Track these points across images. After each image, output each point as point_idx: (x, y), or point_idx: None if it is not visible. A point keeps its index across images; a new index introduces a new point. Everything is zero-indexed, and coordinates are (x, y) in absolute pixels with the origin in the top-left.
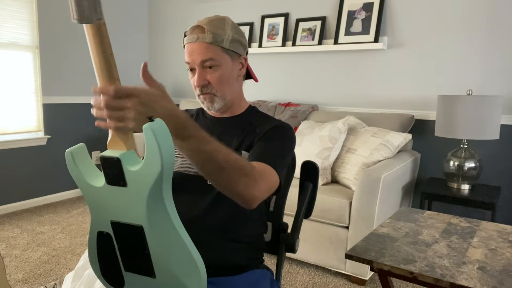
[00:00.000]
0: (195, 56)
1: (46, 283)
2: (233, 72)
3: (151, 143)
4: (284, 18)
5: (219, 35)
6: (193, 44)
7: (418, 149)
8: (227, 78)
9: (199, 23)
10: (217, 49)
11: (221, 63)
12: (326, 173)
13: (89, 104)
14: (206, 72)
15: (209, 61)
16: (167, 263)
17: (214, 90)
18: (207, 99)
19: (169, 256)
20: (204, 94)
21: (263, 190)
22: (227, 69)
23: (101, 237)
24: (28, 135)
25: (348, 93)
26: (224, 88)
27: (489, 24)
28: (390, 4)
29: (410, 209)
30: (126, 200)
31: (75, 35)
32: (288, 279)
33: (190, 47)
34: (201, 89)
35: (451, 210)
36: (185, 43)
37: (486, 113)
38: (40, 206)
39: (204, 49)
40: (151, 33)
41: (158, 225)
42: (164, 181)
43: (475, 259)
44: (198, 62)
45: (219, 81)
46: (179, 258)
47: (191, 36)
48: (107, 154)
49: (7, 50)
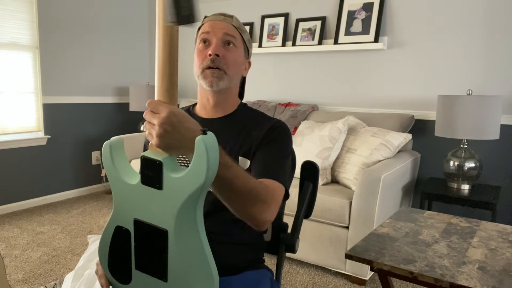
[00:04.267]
0: (217, 29)
1: (46, 283)
2: (242, 65)
3: (201, 155)
4: (284, 18)
5: (243, 27)
6: (218, 22)
7: (418, 149)
8: (238, 63)
9: (223, 13)
10: (239, 35)
11: (238, 48)
12: (326, 173)
13: (89, 104)
14: (223, 48)
15: (231, 38)
16: (183, 270)
17: (225, 66)
18: (215, 74)
19: (187, 263)
20: (214, 68)
21: (274, 212)
22: (240, 56)
23: (119, 231)
24: (28, 135)
25: (348, 93)
26: (233, 71)
27: (489, 24)
28: (390, 4)
29: (410, 209)
30: (157, 203)
31: (75, 35)
32: (288, 279)
33: (213, 22)
34: (212, 60)
35: (451, 210)
36: (207, 21)
37: (486, 113)
38: (40, 206)
39: (229, 27)
40: (151, 33)
41: (183, 232)
42: (202, 192)
43: (475, 259)
44: (220, 34)
45: (233, 61)
46: (196, 267)
47: (216, 15)
48: (149, 156)
49: (7, 50)
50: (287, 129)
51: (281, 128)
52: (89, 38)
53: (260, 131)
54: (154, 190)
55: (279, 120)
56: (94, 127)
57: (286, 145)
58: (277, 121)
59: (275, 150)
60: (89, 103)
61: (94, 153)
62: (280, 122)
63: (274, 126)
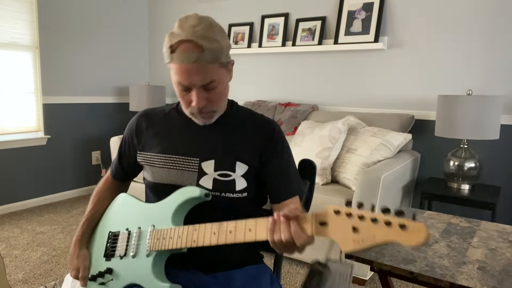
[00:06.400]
0: (193, 79)
1: (46, 283)
2: (227, 81)
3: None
4: (284, 18)
5: (217, 51)
6: (190, 66)
7: (418, 149)
8: (225, 91)
9: (191, 38)
10: (215, 67)
11: (220, 79)
12: (326, 173)
13: (89, 104)
14: (206, 92)
15: (210, 84)
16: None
17: (214, 107)
18: (206, 117)
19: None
20: (204, 113)
21: None
22: (225, 83)
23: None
24: (28, 135)
25: (348, 93)
26: (222, 101)
27: (489, 24)
28: (390, 4)
29: (410, 209)
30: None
31: (75, 35)
32: (288, 279)
33: (185, 68)
34: (200, 110)
35: (451, 210)
36: (178, 63)
37: (486, 113)
38: (40, 206)
39: (203, 71)
40: (151, 33)
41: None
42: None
43: (475, 259)
44: (198, 85)
45: (220, 98)
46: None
47: (187, 55)
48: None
49: (7, 50)
50: (279, 127)
51: (279, 133)
52: (89, 38)
53: (259, 138)
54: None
55: (272, 122)
56: (94, 127)
57: (289, 148)
58: (269, 121)
59: (286, 162)
60: (89, 103)
61: (94, 153)
62: (274, 125)
63: (272, 133)
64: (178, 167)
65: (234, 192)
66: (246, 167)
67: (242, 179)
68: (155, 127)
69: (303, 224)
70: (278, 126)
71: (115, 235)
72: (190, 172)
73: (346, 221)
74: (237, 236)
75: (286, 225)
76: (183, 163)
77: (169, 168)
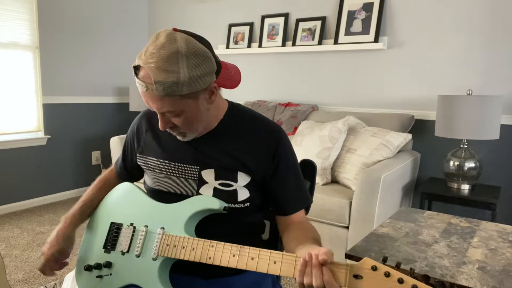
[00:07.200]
0: (151, 105)
1: (46, 283)
2: (200, 108)
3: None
4: (284, 18)
5: (171, 85)
6: (145, 92)
7: (418, 149)
8: (195, 117)
9: (144, 66)
10: (173, 100)
11: (183, 109)
12: (326, 173)
13: (89, 104)
14: (171, 119)
15: (168, 113)
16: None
17: (182, 130)
18: (179, 135)
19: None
20: (175, 132)
21: None
22: (192, 111)
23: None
24: (28, 135)
25: (348, 93)
26: (194, 126)
27: (489, 24)
28: (390, 4)
29: (410, 209)
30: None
31: (75, 35)
32: (288, 279)
33: (142, 92)
34: (170, 130)
35: (451, 210)
36: (137, 85)
37: (486, 113)
38: (40, 206)
39: (158, 101)
40: (151, 33)
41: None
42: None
43: (475, 259)
44: (158, 111)
45: (187, 124)
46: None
47: (140, 82)
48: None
49: (7, 50)
50: (285, 134)
51: (285, 142)
52: (89, 38)
53: (264, 149)
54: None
55: (277, 130)
56: (94, 127)
57: (295, 157)
58: (276, 131)
59: (293, 174)
60: (89, 103)
61: (94, 153)
62: (281, 133)
63: (278, 142)
64: (177, 174)
65: (235, 203)
66: (248, 178)
67: (245, 189)
68: (155, 131)
69: (336, 273)
70: (285, 134)
71: (118, 227)
72: (190, 180)
73: (383, 280)
74: (259, 265)
75: (319, 271)
76: (182, 170)
77: (169, 175)
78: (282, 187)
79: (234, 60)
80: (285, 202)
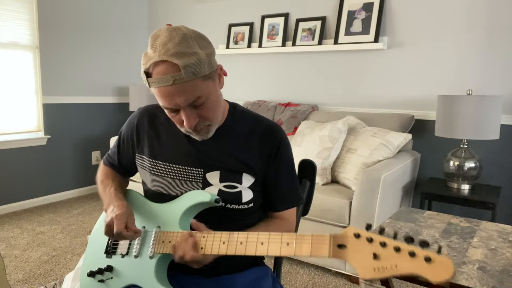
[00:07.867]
0: (177, 100)
1: (46, 283)
2: (218, 91)
3: None
4: (284, 18)
5: (196, 65)
6: (169, 88)
7: (418, 149)
8: (216, 103)
9: (164, 58)
10: (199, 82)
11: (207, 92)
12: (326, 173)
13: (89, 104)
14: (195, 110)
15: (197, 101)
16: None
17: (208, 122)
18: (201, 133)
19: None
20: (198, 130)
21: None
22: (214, 95)
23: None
24: (28, 135)
25: (348, 93)
26: (216, 113)
27: (489, 24)
28: (390, 4)
29: (410, 209)
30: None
31: (75, 35)
32: (288, 279)
33: (165, 91)
34: (194, 128)
35: (451, 210)
36: (157, 87)
37: (486, 113)
38: (40, 206)
39: (186, 90)
40: (151, 33)
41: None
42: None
43: (475, 259)
44: (183, 105)
45: (212, 112)
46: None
47: (163, 78)
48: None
49: (7, 50)
50: (285, 134)
51: (285, 142)
52: (89, 38)
53: (266, 149)
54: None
55: (278, 130)
56: (94, 127)
57: (292, 156)
58: (277, 130)
59: (289, 172)
60: (89, 103)
61: (94, 153)
62: (281, 133)
63: (279, 142)
64: (181, 177)
65: (240, 204)
66: (253, 179)
67: (249, 191)
68: (157, 130)
69: (320, 244)
70: (284, 134)
71: None
72: (194, 183)
73: (366, 246)
74: (248, 248)
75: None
76: (186, 173)
77: (172, 178)
78: (278, 185)
79: (234, 60)
80: (278, 200)
